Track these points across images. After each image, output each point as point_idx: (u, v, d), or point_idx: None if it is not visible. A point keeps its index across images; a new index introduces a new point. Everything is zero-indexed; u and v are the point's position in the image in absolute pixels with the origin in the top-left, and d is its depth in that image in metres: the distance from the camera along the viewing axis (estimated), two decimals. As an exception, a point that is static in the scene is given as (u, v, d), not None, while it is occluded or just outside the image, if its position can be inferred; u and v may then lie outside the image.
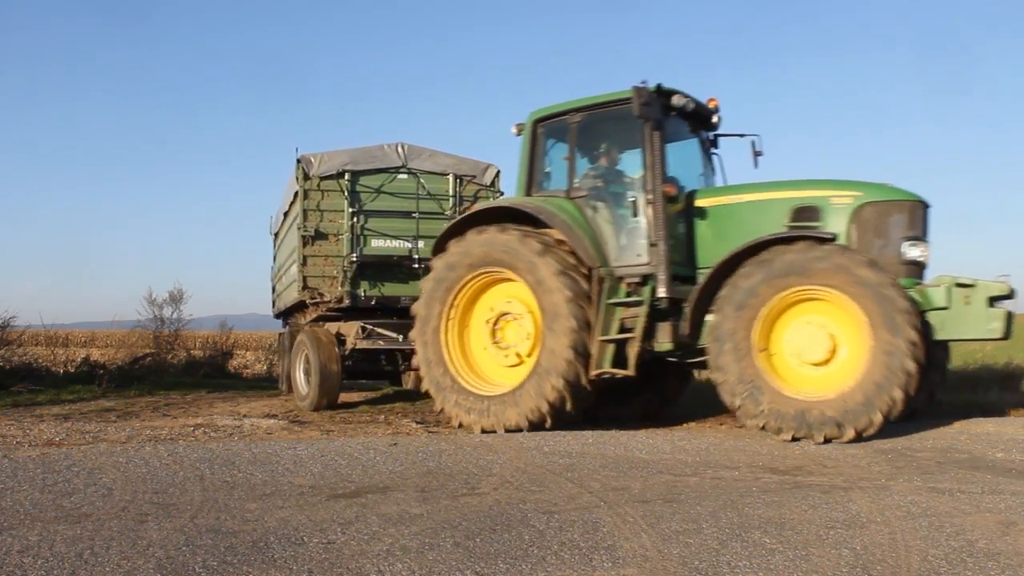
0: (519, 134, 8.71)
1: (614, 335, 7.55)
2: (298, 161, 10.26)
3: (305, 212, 10.35)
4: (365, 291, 10.42)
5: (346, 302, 10.30)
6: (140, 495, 4.64)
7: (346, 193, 10.38)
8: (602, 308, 7.61)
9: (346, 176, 10.37)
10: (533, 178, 8.56)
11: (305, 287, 10.42)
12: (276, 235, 13.97)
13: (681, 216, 7.93)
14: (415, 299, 8.89)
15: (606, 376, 7.55)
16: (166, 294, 17.33)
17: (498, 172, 11.09)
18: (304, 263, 10.42)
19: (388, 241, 10.58)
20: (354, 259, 10.22)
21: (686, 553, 3.52)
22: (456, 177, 10.90)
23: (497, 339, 8.18)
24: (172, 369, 15.36)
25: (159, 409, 10.12)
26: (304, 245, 10.37)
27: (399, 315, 10.31)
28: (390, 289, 10.53)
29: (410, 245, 10.58)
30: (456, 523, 4.00)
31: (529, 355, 7.88)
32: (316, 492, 4.75)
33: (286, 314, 13.78)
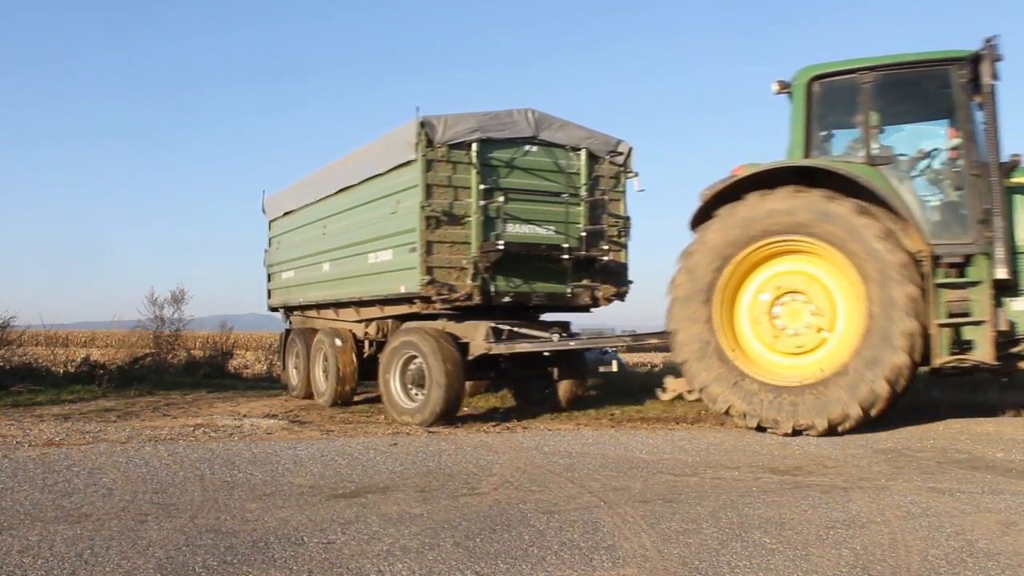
0: (781, 92, 7.83)
1: (945, 319, 6.80)
2: (422, 124, 8.52)
3: (430, 187, 8.58)
4: (500, 287, 8.87)
5: (476, 299, 8.71)
6: (140, 495, 4.64)
7: (477, 166, 8.74)
8: (930, 289, 6.82)
9: (474, 146, 8.73)
10: (810, 141, 7.60)
11: (432, 281, 8.56)
12: (288, 213, 12.65)
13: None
14: (550, 296, 8.57)
15: (957, 365, 6.80)
16: (167, 294, 17.31)
17: (630, 149, 9.72)
18: (429, 251, 8.57)
19: (528, 227, 9.07)
20: (500, 246, 8.59)
21: (686, 553, 3.52)
22: (589, 154, 9.43)
23: (778, 321, 7.30)
24: (172, 369, 15.35)
25: (159, 409, 10.12)
26: (428, 228, 8.54)
27: (521, 315, 9.19)
28: (525, 285, 9.05)
29: (555, 233, 9.10)
30: (456, 523, 4.00)
31: (821, 339, 7.14)
32: (316, 492, 4.75)
33: (290, 310, 13.03)
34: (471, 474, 5.29)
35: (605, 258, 9.39)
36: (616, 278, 9.62)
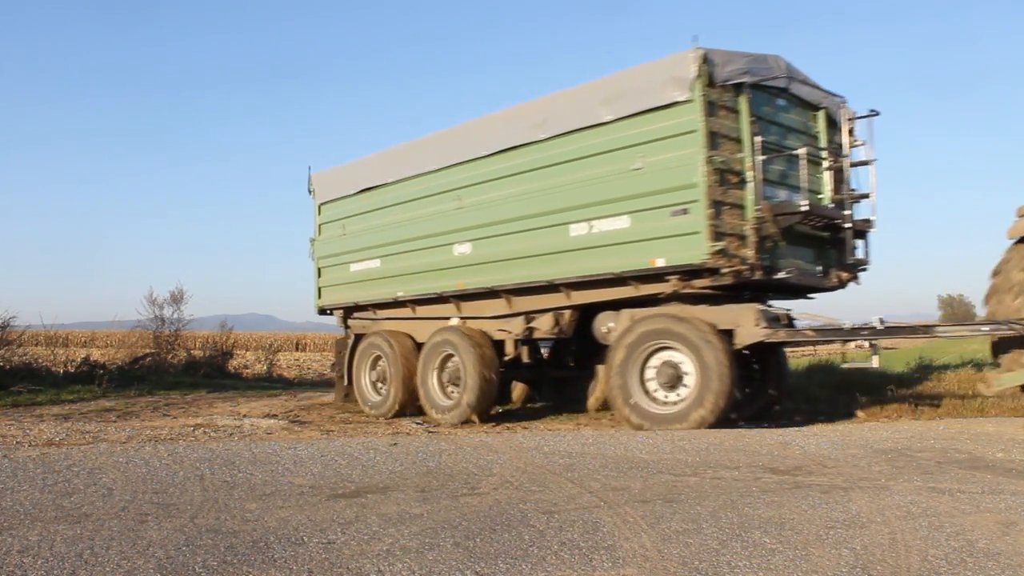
0: None
1: None
2: (704, 58, 7.21)
3: (713, 136, 7.23)
4: (775, 261, 7.54)
5: (757, 275, 7.36)
6: (140, 495, 4.64)
7: (751, 114, 7.49)
8: None
9: (747, 90, 7.48)
10: None
11: (723, 250, 7.15)
12: (366, 191, 10.69)
13: None
14: (802, 274, 7.47)
15: None
16: (167, 294, 17.33)
17: (872, 114, 8.35)
18: (718, 212, 7.18)
19: (784, 192, 7.78)
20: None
21: (686, 553, 3.52)
22: (828, 116, 8.36)
23: None
24: (172, 369, 15.36)
25: (159, 409, 10.12)
26: (715, 184, 7.17)
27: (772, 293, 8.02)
28: (790, 260, 7.74)
29: (807, 202, 7.66)
30: (456, 523, 4.00)
31: None
32: (316, 492, 4.75)
33: (351, 310, 11.12)
34: (471, 474, 5.29)
35: (861, 233, 8.22)
36: (853, 257, 8.44)
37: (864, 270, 8.51)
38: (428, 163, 9.77)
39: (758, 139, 7.39)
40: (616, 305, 8.16)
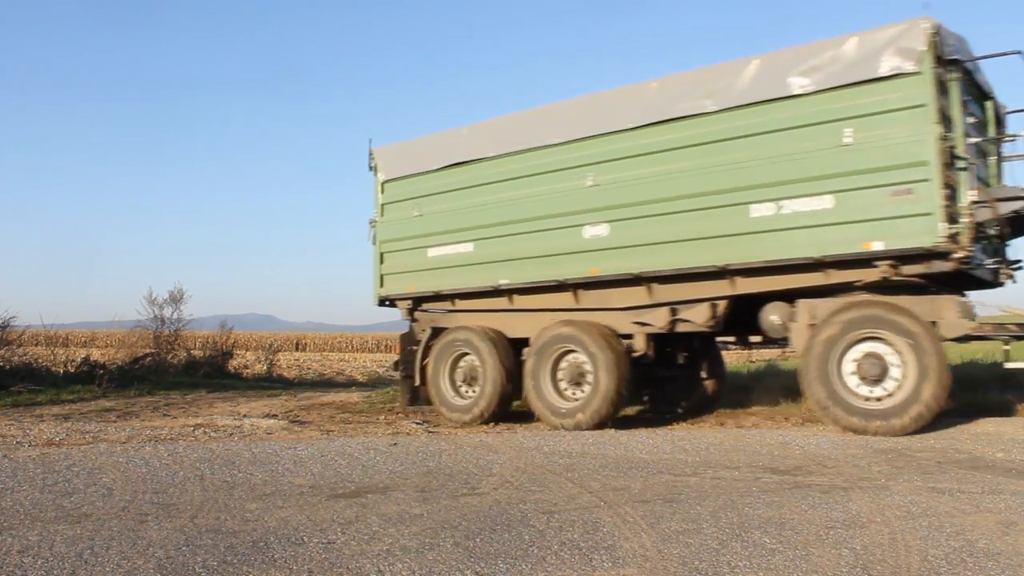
0: None
1: None
2: (935, 31, 6.75)
3: (943, 113, 6.80)
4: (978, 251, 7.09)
5: (971, 264, 6.96)
6: (140, 495, 4.64)
7: (965, 94, 7.17)
8: None
9: (957, 69, 7.02)
10: None
11: (955, 235, 6.68)
12: (453, 166, 9.56)
13: None
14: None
15: None
16: (166, 294, 17.33)
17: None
18: (952, 193, 6.73)
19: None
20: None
21: (686, 553, 3.51)
22: (995, 105, 7.92)
23: None
24: (172, 369, 15.36)
25: (159, 409, 10.11)
26: (946, 165, 6.67)
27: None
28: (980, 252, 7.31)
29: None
30: (456, 523, 4.00)
31: None
32: (316, 492, 4.75)
33: (420, 301, 9.87)
34: (471, 474, 5.29)
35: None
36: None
37: (1020, 268, 8.10)
38: (549, 136, 8.81)
39: (970, 119, 7.09)
40: (783, 296, 7.64)
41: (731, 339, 9.58)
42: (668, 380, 9.30)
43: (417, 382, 9.78)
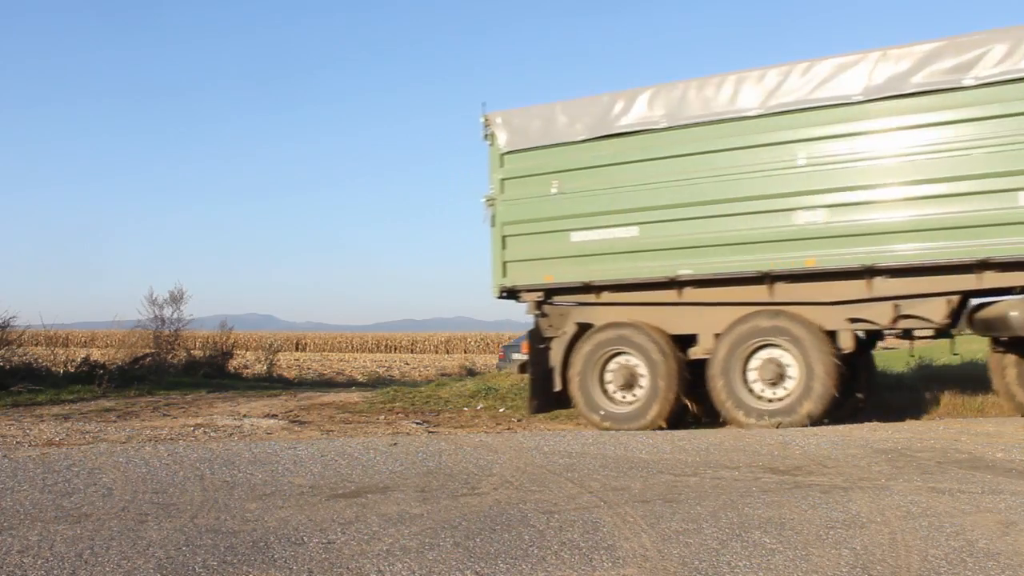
0: None
1: None
2: None
3: None
4: None
5: None
6: (140, 495, 4.64)
7: None
8: None
9: None
10: None
11: None
12: (629, 135, 8.34)
13: None
14: None
15: None
16: (167, 294, 17.32)
17: None
18: None
19: None
20: None
21: (686, 553, 3.51)
22: None
23: None
24: (172, 369, 15.36)
25: (159, 409, 10.11)
26: None
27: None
28: None
29: None
30: (456, 523, 4.00)
31: None
32: (316, 492, 4.75)
33: (556, 293, 8.76)
34: (471, 474, 5.29)
35: None
36: None
37: None
38: (749, 106, 7.83)
39: None
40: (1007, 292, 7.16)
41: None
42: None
43: (557, 386, 8.70)
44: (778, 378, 7.69)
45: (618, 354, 8.42)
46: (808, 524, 3.99)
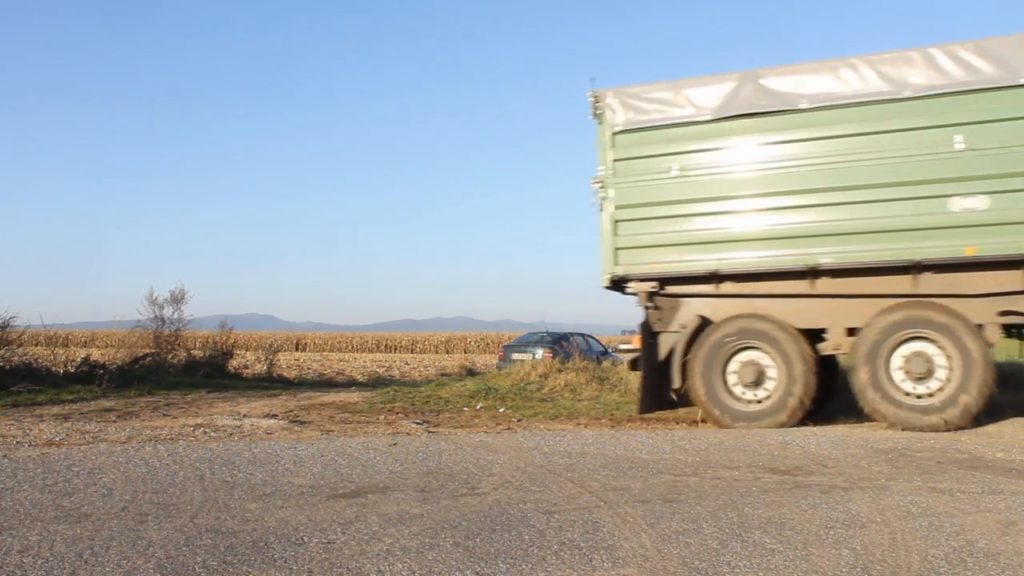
0: None
1: None
2: None
3: None
4: None
5: None
6: (140, 495, 4.64)
7: None
8: None
9: None
10: None
11: None
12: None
13: None
14: None
15: None
16: (167, 294, 17.31)
17: None
18: None
19: None
20: None
21: (686, 553, 3.51)
22: None
23: None
24: (172, 369, 15.35)
25: (159, 409, 10.11)
26: None
27: None
28: None
29: None
30: (456, 523, 4.00)
31: None
32: (316, 492, 4.75)
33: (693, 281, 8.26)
34: (471, 474, 5.28)
35: None
36: None
37: None
38: (898, 88, 7.52)
39: None
40: None
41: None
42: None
43: (676, 384, 8.26)
44: (927, 372, 7.41)
45: (743, 349, 8.08)
46: (808, 524, 3.99)
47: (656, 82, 8.52)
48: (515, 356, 18.91)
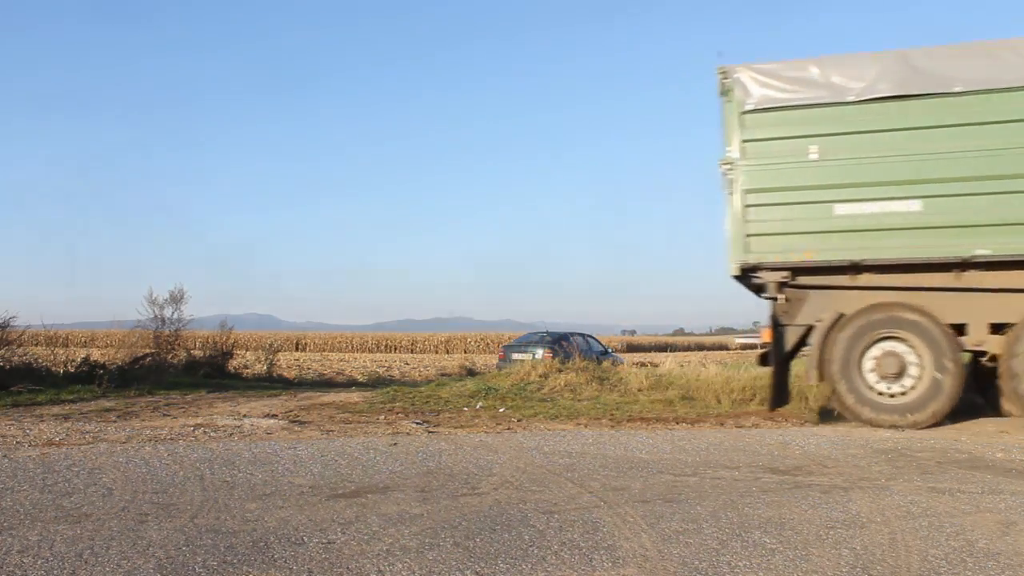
0: None
1: None
2: None
3: None
4: None
5: None
6: (140, 495, 4.64)
7: None
8: None
9: None
10: None
11: None
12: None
13: None
14: None
15: None
16: (167, 294, 17.31)
17: None
18: None
19: None
20: None
21: (686, 553, 3.51)
22: None
23: None
24: (172, 369, 15.35)
25: (159, 409, 10.11)
26: None
27: None
28: None
29: None
30: (456, 523, 4.00)
31: None
32: (316, 492, 4.75)
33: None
34: (471, 474, 5.28)
35: None
36: None
37: None
38: None
39: None
40: None
41: None
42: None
43: (812, 379, 7.92)
44: None
45: (882, 340, 7.75)
46: (808, 524, 3.99)
47: (793, 60, 8.12)
48: (515, 356, 18.91)
